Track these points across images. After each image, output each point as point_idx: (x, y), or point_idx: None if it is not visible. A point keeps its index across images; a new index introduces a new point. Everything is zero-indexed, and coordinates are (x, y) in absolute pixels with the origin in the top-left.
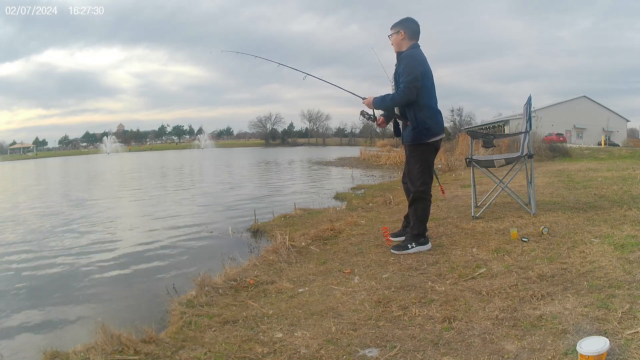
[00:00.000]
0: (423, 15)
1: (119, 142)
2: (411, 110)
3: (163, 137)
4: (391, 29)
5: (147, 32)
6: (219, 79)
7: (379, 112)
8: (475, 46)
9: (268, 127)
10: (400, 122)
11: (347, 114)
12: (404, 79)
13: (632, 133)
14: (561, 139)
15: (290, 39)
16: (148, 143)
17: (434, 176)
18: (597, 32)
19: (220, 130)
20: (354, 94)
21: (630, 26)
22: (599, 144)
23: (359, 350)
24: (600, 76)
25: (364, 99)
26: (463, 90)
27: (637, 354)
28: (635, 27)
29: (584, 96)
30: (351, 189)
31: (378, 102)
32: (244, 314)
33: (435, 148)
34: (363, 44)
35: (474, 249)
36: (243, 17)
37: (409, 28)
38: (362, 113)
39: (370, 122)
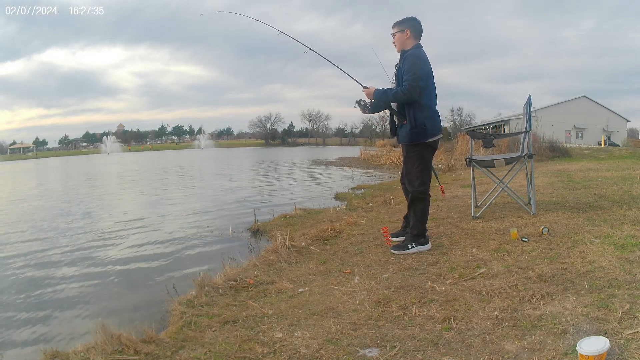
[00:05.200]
0: (427, 15)
1: (119, 142)
2: (411, 109)
3: (163, 137)
4: (395, 26)
5: (150, 32)
6: (220, 79)
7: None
8: (478, 46)
9: (268, 127)
10: (397, 121)
11: (347, 114)
12: (408, 78)
13: (632, 133)
14: None
15: (297, 38)
16: (148, 143)
17: (434, 176)
18: (600, 33)
19: (220, 130)
20: (355, 80)
21: (632, 27)
22: (599, 144)
23: (359, 350)
24: (602, 76)
25: (365, 87)
26: (464, 90)
27: (637, 354)
28: (638, 28)
29: (584, 96)
30: (351, 189)
31: (379, 95)
32: (244, 314)
33: (432, 148)
34: (366, 44)
35: (474, 249)
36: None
37: (414, 27)
38: (359, 101)
39: (366, 111)
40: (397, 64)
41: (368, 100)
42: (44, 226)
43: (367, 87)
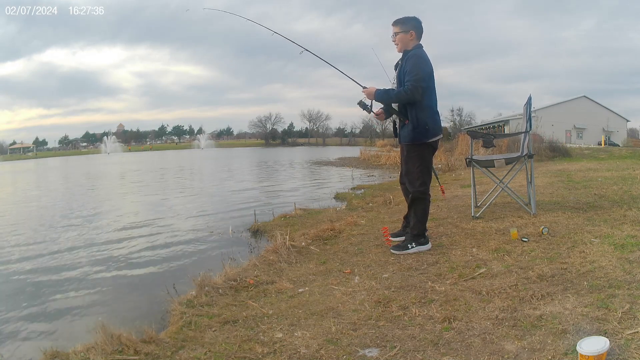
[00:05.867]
0: (427, 15)
1: (119, 142)
2: (413, 109)
3: (163, 137)
4: (397, 26)
5: (150, 32)
6: (220, 79)
7: (377, 105)
8: (478, 46)
9: (268, 127)
10: (398, 121)
11: (347, 114)
12: (412, 78)
13: (632, 133)
14: None
15: (294, 38)
16: (148, 143)
17: (434, 176)
18: (600, 33)
19: (220, 130)
20: (354, 80)
21: (633, 27)
22: (599, 144)
23: (359, 350)
24: (602, 76)
25: (364, 87)
26: (465, 90)
27: (637, 354)
28: (638, 28)
29: (584, 96)
30: (351, 189)
31: (381, 95)
32: (244, 314)
33: (433, 148)
34: (366, 44)
35: (474, 249)
36: (247, 16)
37: (417, 29)
38: (360, 103)
39: (367, 112)
40: (397, 64)
41: (369, 101)
42: (43, 227)
43: (366, 88)
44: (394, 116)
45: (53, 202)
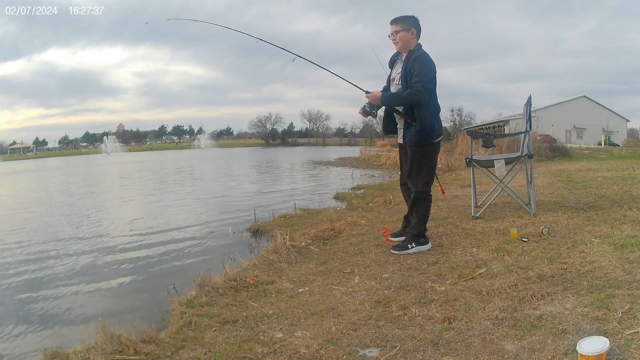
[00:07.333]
0: (429, 15)
1: (119, 142)
2: (421, 111)
3: (163, 137)
4: (397, 24)
5: (151, 31)
6: (222, 79)
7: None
8: (480, 46)
9: (268, 127)
10: (400, 122)
11: (347, 113)
12: (422, 79)
13: (632, 133)
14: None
15: (295, 38)
16: (148, 143)
17: (435, 176)
18: (601, 33)
19: (220, 130)
20: (356, 86)
21: (634, 27)
22: (599, 144)
23: (359, 350)
24: (602, 77)
25: (367, 92)
26: (466, 90)
27: (637, 354)
28: (639, 29)
29: (584, 96)
30: (351, 189)
31: (389, 99)
32: (244, 314)
33: (437, 148)
34: (368, 44)
35: (474, 249)
36: (248, 16)
37: (418, 27)
38: (364, 108)
39: (372, 117)
40: (391, 61)
41: (373, 106)
42: (44, 228)
43: (370, 92)
44: (382, 115)
45: (54, 203)
